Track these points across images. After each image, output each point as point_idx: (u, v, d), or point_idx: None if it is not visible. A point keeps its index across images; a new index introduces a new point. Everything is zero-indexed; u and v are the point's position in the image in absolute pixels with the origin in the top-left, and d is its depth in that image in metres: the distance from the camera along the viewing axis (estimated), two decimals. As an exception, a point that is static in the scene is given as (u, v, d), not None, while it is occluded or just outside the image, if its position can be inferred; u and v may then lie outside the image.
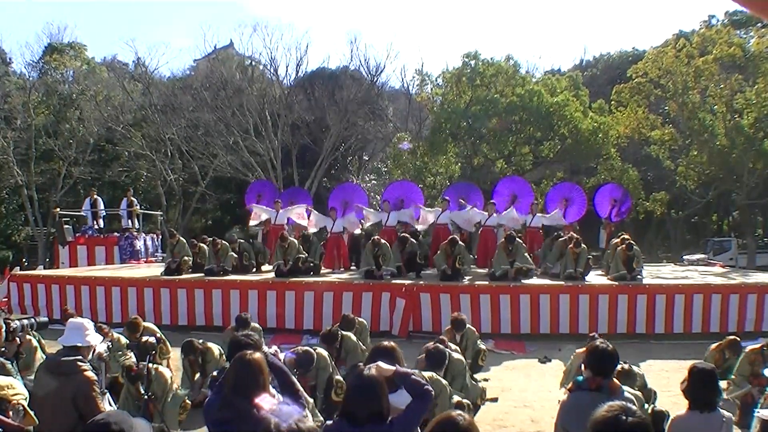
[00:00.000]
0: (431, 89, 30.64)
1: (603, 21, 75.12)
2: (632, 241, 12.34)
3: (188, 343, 7.51)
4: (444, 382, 6.12)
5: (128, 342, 7.84)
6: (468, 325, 8.79)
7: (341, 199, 15.56)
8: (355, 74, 34.35)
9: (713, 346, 7.58)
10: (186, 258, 13.58)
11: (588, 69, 38.68)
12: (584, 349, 6.47)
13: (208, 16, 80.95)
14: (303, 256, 12.98)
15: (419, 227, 14.70)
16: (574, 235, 13.00)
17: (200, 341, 7.68)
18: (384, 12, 75.30)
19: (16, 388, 3.40)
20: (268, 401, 3.37)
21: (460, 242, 12.54)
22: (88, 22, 73.19)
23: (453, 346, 7.45)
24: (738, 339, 7.65)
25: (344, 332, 7.89)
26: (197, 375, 7.65)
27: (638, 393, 5.53)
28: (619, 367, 4.99)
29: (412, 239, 13.28)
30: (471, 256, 13.89)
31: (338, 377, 6.87)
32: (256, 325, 8.95)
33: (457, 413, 2.68)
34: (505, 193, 15.46)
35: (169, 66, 42.66)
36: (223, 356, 7.26)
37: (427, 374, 5.73)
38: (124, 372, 6.52)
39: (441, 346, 6.34)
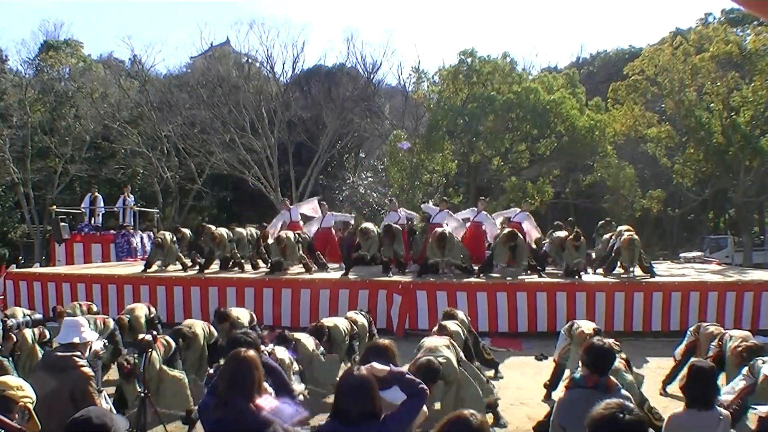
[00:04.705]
0: (428, 86, 30.66)
1: (600, 18, 75.24)
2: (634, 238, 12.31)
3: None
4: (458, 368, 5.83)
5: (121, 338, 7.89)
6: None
7: None
8: (352, 71, 34.34)
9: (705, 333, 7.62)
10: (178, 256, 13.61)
11: (585, 66, 38.72)
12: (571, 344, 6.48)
13: (204, 13, 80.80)
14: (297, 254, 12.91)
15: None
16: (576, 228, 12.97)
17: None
18: (380, 9, 75.26)
19: (26, 391, 3.38)
20: (269, 401, 3.36)
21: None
22: (84, 19, 73.07)
23: (453, 327, 7.02)
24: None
25: (330, 326, 7.70)
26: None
27: (631, 379, 5.54)
28: None
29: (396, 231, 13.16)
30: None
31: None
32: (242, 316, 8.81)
33: (470, 412, 2.69)
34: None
35: (165, 63, 42.76)
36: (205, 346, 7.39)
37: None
38: (118, 369, 6.43)
39: (433, 361, 5.27)
